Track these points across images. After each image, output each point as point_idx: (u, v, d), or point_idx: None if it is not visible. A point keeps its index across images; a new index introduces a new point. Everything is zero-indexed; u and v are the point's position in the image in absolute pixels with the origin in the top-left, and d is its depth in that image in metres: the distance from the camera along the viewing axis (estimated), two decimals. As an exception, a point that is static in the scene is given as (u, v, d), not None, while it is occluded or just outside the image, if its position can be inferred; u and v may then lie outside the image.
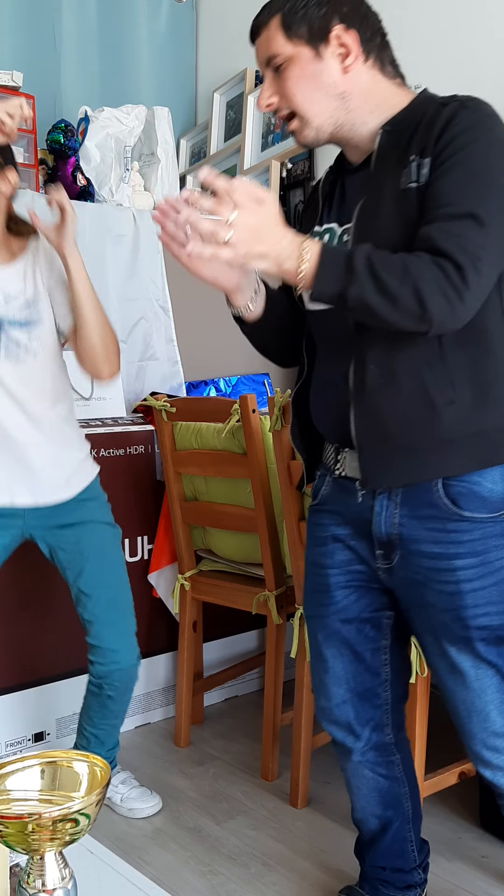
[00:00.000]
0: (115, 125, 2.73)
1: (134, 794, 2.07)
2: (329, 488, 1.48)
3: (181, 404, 2.28)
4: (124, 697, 1.96)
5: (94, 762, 0.93)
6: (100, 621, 1.90)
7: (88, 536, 1.89)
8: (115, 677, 1.91)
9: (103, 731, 1.99)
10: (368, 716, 1.54)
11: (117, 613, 1.92)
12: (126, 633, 1.93)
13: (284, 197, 3.27)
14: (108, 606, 1.90)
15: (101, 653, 1.90)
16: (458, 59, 2.70)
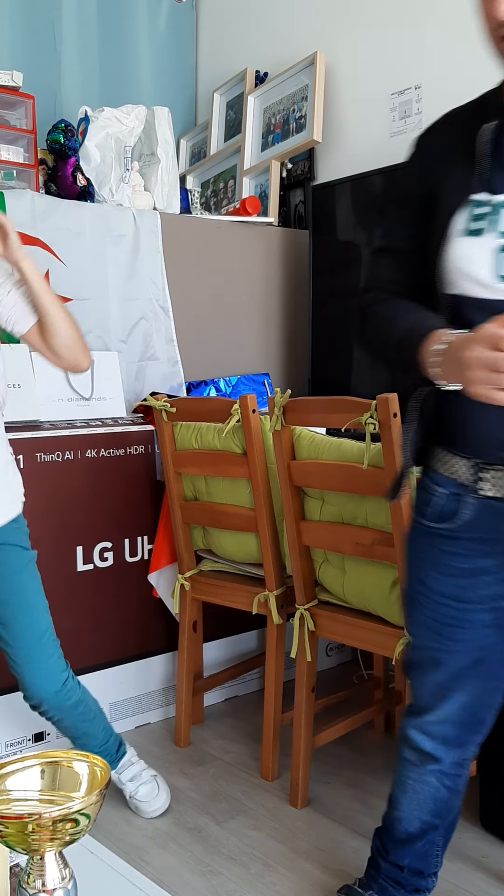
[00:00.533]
0: (115, 125, 2.73)
1: (141, 792, 2.05)
2: (473, 511, 1.30)
3: (181, 404, 2.28)
4: (70, 715, 1.90)
5: (94, 762, 0.93)
6: (16, 651, 1.82)
7: (3, 560, 1.79)
8: (44, 706, 1.87)
9: (84, 736, 1.95)
10: (467, 738, 1.47)
11: (33, 642, 1.83)
12: (44, 661, 1.84)
13: (284, 197, 3.27)
14: (23, 634, 1.81)
15: (24, 686, 1.85)
16: (458, 58, 2.70)
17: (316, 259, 2.83)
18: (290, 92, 3.18)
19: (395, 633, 1.87)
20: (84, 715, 1.92)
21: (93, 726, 1.95)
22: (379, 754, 2.35)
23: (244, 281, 2.96)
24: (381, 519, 1.83)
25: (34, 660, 1.83)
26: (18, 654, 1.82)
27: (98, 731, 1.97)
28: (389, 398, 1.73)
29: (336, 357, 2.76)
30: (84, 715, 1.92)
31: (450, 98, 2.74)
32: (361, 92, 3.01)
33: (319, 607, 2.05)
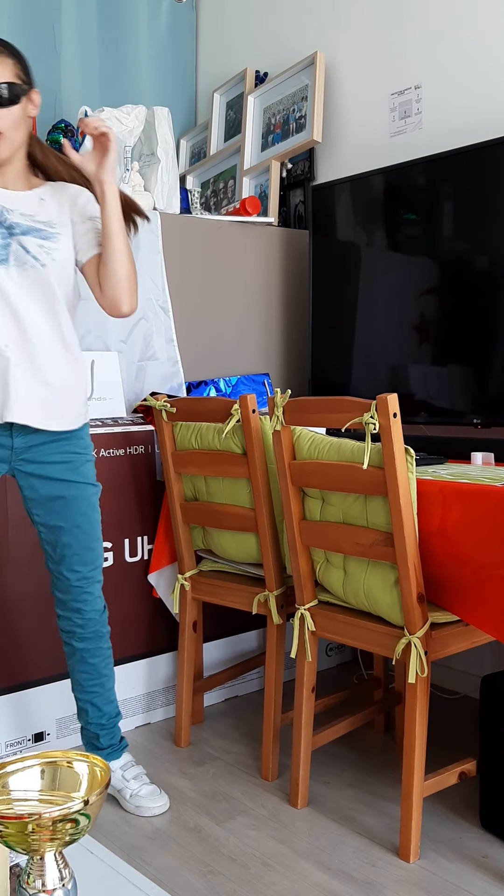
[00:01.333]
0: (115, 125, 2.73)
1: (144, 791, 2.06)
2: None
3: (181, 404, 2.28)
4: (99, 647, 1.98)
5: (94, 762, 0.93)
6: (66, 575, 1.93)
7: (72, 511, 1.90)
8: (83, 629, 1.96)
9: (95, 695, 2.01)
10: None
11: (85, 568, 1.94)
12: (92, 583, 1.95)
13: (284, 197, 3.27)
14: (76, 562, 1.92)
15: (66, 605, 1.95)
16: (458, 58, 2.70)
17: (316, 259, 2.83)
18: (290, 92, 3.18)
19: (395, 633, 1.87)
20: (107, 658, 2.01)
21: (109, 683, 2.03)
22: (379, 754, 2.36)
23: (244, 281, 2.96)
24: (381, 519, 1.83)
25: (84, 583, 1.94)
26: (70, 578, 1.93)
27: (112, 694, 2.04)
28: (389, 398, 1.73)
29: (336, 357, 2.76)
30: (107, 658, 2.01)
31: (449, 98, 2.75)
32: (361, 92, 3.01)
33: (319, 607, 2.05)
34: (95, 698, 2.01)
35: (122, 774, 2.07)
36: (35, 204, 1.83)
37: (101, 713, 2.03)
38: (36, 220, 1.81)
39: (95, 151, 1.79)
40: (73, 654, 1.99)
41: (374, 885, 1.77)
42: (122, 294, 1.83)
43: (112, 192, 1.79)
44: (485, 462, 2.24)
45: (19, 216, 1.80)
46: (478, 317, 2.36)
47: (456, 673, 2.77)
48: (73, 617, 1.96)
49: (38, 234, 1.81)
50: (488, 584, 1.75)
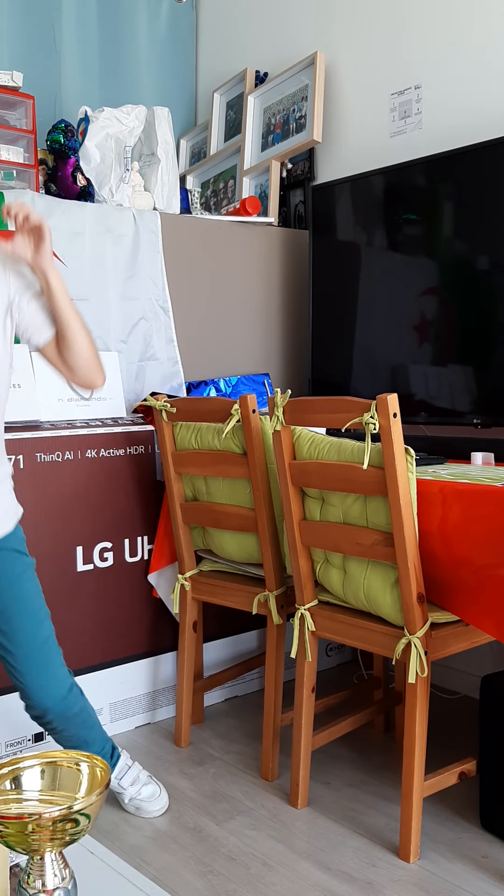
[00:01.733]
0: (115, 125, 2.73)
1: (143, 794, 2.04)
2: None
3: (181, 404, 2.28)
4: (72, 724, 1.86)
5: (94, 762, 0.93)
6: (18, 659, 1.77)
7: (4, 568, 1.76)
8: (48, 716, 1.82)
9: (83, 744, 1.92)
10: None
11: (36, 648, 1.78)
12: (48, 668, 1.80)
13: (284, 197, 3.27)
14: (25, 642, 1.78)
15: (26, 694, 1.80)
16: (458, 59, 2.70)
17: (316, 259, 2.83)
18: (290, 92, 3.18)
19: (395, 633, 1.87)
20: (85, 722, 1.89)
21: (92, 733, 1.92)
22: (379, 754, 2.36)
23: (244, 281, 2.96)
24: (381, 519, 1.83)
25: (38, 667, 1.79)
26: (21, 662, 1.78)
27: (97, 737, 1.94)
28: (389, 398, 1.73)
29: (336, 357, 2.76)
30: (85, 722, 1.89)
31: (449, 98, 2.75)
32: (361, 92, 3.01)
33: (319, 607, 2.05)
34: (82, 745, 1.91)
35: (117, 783, 2.04)
36: None
37: (91, 746, 1.93)
38: None
39: (29, 239, 1.66)
40: (48, 730, 1.87)
41: (374, 885, 1.77)
42: (95, 371, 1.76)
43: (56, 278, 1.68)
44: (485, 462, 2.24)
45: None
46: (478, 317, 2.36)
47: (456, 673, 2.77)
48: (35, 704, 1.80)
49: None
50: (488, 584, 1.75)
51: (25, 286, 1.72)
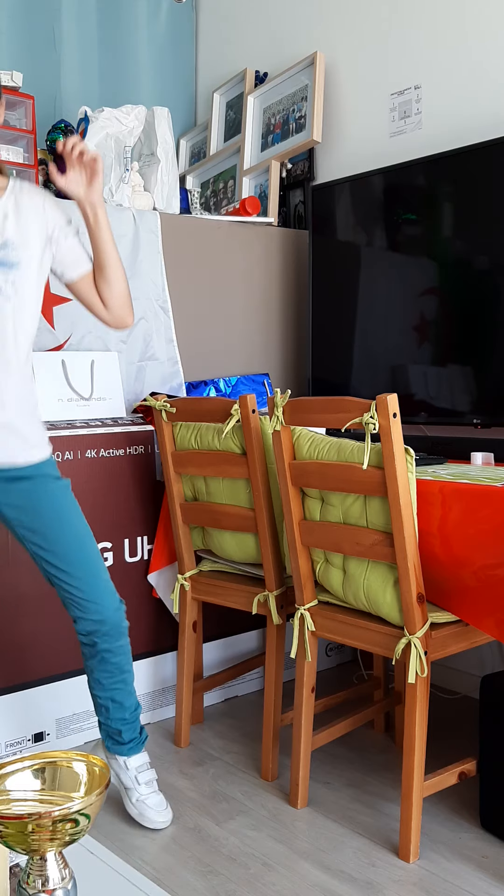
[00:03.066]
0: (115, 125, 2.73)
1: (151, 801, 1.99)
2: None
3: (181, 405, 2.28)
4: (119, 646, 1.90)
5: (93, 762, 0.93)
6: (69, 575, 1.83)
7: (39, 491, 1.82)
8: (103, 627, 1.87)
9: (117, 691, 1.94)
10: None
11: (86, 562, 1.85)
12: (99, 578, 1.86)
13: (284, 197, 3.27)
14: (76, 555, 1.83)
15: (80, 605, 1.85)
16: (457, 59, 2.70)
17: (316, 259, 2.83)
18: (289, 92, 3.18)
19: (395, 633, 1.87)
20: (127, 655, 1.94)
21: (131, 677, 1.96)
22: (379, 754, 2.36)
23: (244, 281, 2.96)
24: (381, 519, 1.83)
25: (92, 580, 1.85)
26: (75, 578, 1.84)
27: (132, 688, 1.97)
28: (389, 398, 1.73)
29: (336, 357, 2.76)
30: (127, 655, 1.94)
31: (449, 98, 2.75)
32: (361, 92, 3.01)
33: (319, 607, 2.05)
34: (117, 694, 1.94)
35: (135, 776, 2.00)
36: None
37: (124, 708, 1.96)
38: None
39: (82, 173, 1.74)
40: (94, 654, 1.91)
41: (374, 885, 1.77)
42: (127, 309, 1.85)
43: (103, 215, 1.77)
44: (485, 462, 2.24)
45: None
46: (477, 317, 2.36)
47: (456, 673, 2.77)
48: (89, 615, 1.87)
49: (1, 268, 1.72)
50: (488, 584, 1.75)
51: (65, 221, 1.80)
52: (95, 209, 1.77)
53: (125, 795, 2.03)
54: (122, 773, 2.01)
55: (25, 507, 1.82)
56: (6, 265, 1.74)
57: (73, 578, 1.85)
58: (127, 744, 1.99)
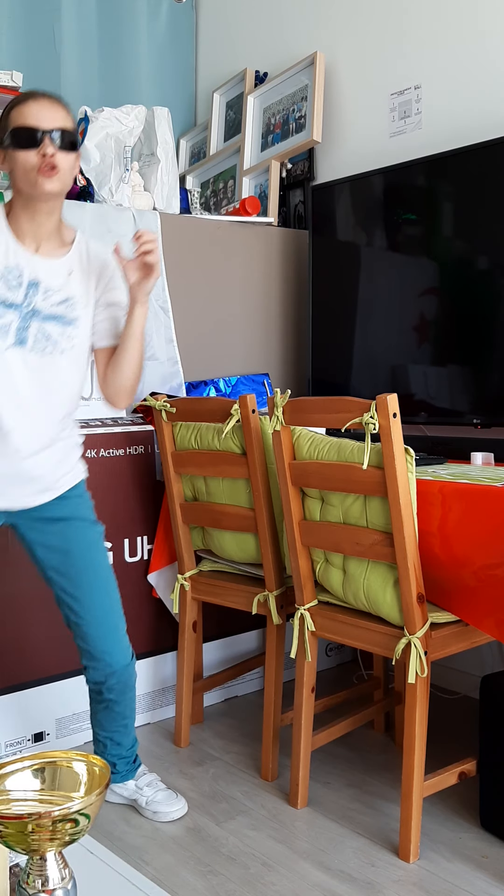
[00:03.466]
0: (115, 125, 2.73)
1: (160, 797, 2.03)
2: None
3: (181, 404, 2.28)
4: (126, 697, 1.96)
5: (93, 762, 0.93)
6: (88, 623, 1.88)
7: (74, 534, 1.87)
8: (111, 680, 1.92)
9: (117, 733, 2.01)
10: None
11: (106, 614, 1.89)
12: (116, 632, 1.90)
13: (284, 197, 3.27)
14: (96, 607, 1.87)
15: (93, 657, 1.90)
16: (457, 59, 2.70)
17: (316, 259, 2.83)
18: (289, 92, 3.18)
19: (395, 633, 1.87)
20: (132, 703, 1.99)
21: (132, 721, 2.02)
22: (379, 754, 2.36)
23: (244, 281, 2.96)
24: (381, 519, 1.83)
25: (109, 631, 1.89)
26: (92, 626, 1.88)
27: (133, 728, 2.04)
28: (389, 398, 1.73)
29: (336, 357, 2.76)
30: (132, 703, 1.99)
31: (449, 98, 2.75)
32: (361, 92, 3.01)
33: (319, 607, 2.05)
34: (117, 735, 2.01)
35: (134, 785, 2.06)
36: (62, 277, 1.78)
37: (121, 747, 2.02)
38: (58, 304, 1.77)
39: (142, 269, 1.78)
40: (100, 702, 1.96)
41: (374, 885, 1.77)
42: (123, 396, 1.87)
43: (142, 314, 1.81)
44: (485, 462, 2.24)
45: (42, 298, 1.74)
46: (477, 317, 2.36)
47: (456, 673, 2.77)
48: (100, 667, 1.91)
49: (60, 322, 1.77)
50: (488, 584, 1.75)
51: (110, 293, 1.85)
52: (136, 303, 1.80)
53: (136, 807, 2.06)
54: (123, 790, 2.07)
55: (59, 549, 1.86)
56: (65, 321, 1.79)
57: (91, 628, 1.88)
58: (120, 773, 2.06)
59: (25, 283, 1.73)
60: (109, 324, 1.86)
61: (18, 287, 1.72)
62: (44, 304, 1.75)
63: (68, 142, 1.69)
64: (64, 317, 1.78)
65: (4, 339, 1.72)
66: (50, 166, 1.66)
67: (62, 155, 1.68)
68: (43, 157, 1.66)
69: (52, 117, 1.68)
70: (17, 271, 1.73)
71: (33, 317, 1.74)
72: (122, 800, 2.08)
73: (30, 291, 1.74)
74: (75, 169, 1.74)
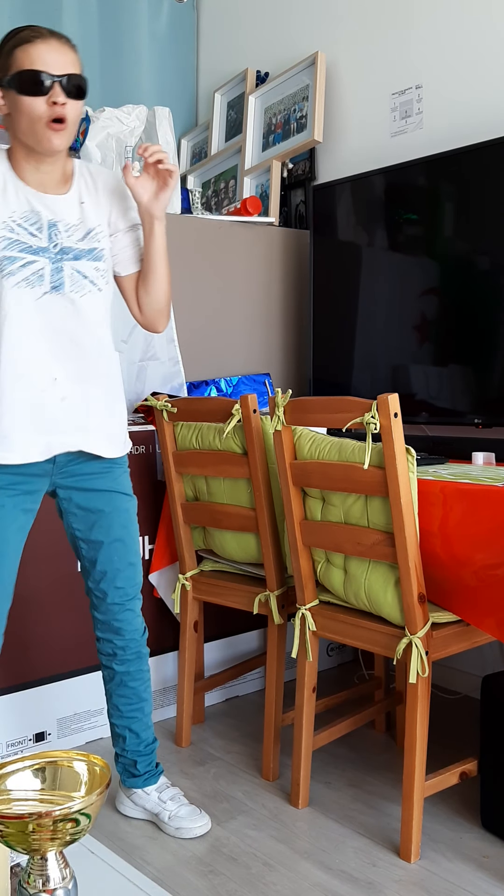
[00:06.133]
0: (116, 125, 2.73)
1: (183, 812, 1.97)
2: None
3: (182, 404, 2.28)
4: (139, 670, 1.94)
5: (93, 762, 0.93)
6: (111, 595, 1.86)
7: (113, 507, 1.85)
8: (126, 651, 1.91)
9: (134, 720, 1.96)
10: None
11: (128, 587, 1.88)
12: (134, 606, 1.91)
13: (285, 197, 3.27)
14: (119, 582, 1.87)
15: (109, 627, 1.89)
16: (458, 58, 2.70)
17: (317, 259, 2.83)
18: (290, 92, 3.18)
19: (396, 633, 1.87)
20: (147, 682, 1.98)
21: (149, 707, 2.00)
22: (380, 754, 2.35)
23: (245, 281, 2.96)
24: (382, 519, 1.83)
25: (128, 602, 1.90)
26: (116, 596, 1.88)
27: (150, 718, 2.01)
28: (390, 398, 1.73)
29: (337, 357, 2.76)
30: (147, 682, 1.98)
31: (450, 98, 2.75)
32: (362, 92, 3.01)
33: (320, 607, 2.05)
34: (134, 724, 1.97)
35: (157, 797, 1.99)
36: (76, 209, 1.73)
37: (140, 740, 1.97)
38: (82, 239, 1.72)
39: (154, 182, 1.74)
40: (113, 677, 1.94)
41: (375, 885, 1.77)
42: (162, 317, 1.86)
43: (160, 227, 1.77)
44: (486, 462, 2.24)
45: (65, 235, 1.70)
46: (478, 317, 2.36)
47: (457, 673, 2.77)
48: (114, 638, 1.91)
49: (90, 257, 1.73)
50: (489, 584, 1.75)
51: (126, 216, 1.80)
52: (153, 220, 1.76)
53: (158, 822, 1.98)
54: (145, 802, 2.00)
55: (95, 521, 1.85)
56: (95, 255, 1.74)
57: (112, 597, 1.88)
58: (142, 775, 2.00)
59: (45, 224, 1.69)
60: (133, 247, 1.81)
61: (40, 231, 1.68)
62: (69, 241, 1.71)
63: (78, 89, 1.61)
64: (94, 249, 1.73)
65: (40, 285, 1.67)
66: (59, 118, 1.59)
67: (71, 104, 1.61)
68: (53, 106, 1.59)
69: (62, 61, 1.59)
70: (35, 216, 1.68)
71: (63, 257, 1.70)
72: (144, 814, 2.01)
73: (51, 232, 1.69)
74: (80, 117, 1.67)
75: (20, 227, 1.67)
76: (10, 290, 1.66)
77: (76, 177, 1.77)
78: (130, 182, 1.74)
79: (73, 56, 1.63)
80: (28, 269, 1.67)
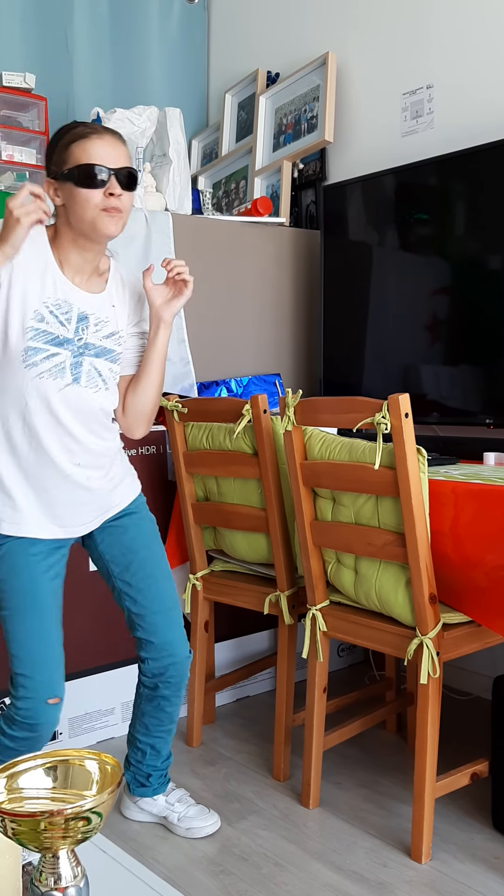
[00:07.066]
0: (127, 126, 2.74)
1: (192, 812, 1.98)
2: None
3: (192, 405, 2.28)
4: (178, 695, 1.92)
5: (105, 761, 0.93)
6: (151, 613, 1.86)
7: (136, 527, 1.88)
8: (170, 672, 1.87)
9: (159, 740, 1.96)
10: None
11: (167, 604, 1.88)
12: (177, 623, 1.89)
13: (296, 197, 3.27)
14: (158, 598, 1.86)
15: (155, 647, 1.87)
16: (469, 58, 2.69)
17: (327, 259, 2.83)
18: (301, 92, 3.18)
19: (407, 633, 1.86)
20: (179, 707, 1.97)
21: (174, 728, 1.99)
22: (391, 755, 2.35)
23: (256, 281, 2.96)
24: (392, 519, 1.82)
25: (173, 621, 1.89)
26: (158, 615, 1.87)
27: (168, 744, 2.00)
28: (401, 398, 1.73)
29: (348, 357, 2.76)
30: (179, 707, 1.97)
31: (461, 97, 2.75)
32: (373, 92, 3.01)
33: (331, 608, 2.05)
34: (158, 743, 1.96)
35: (164, 800, 2.00)
36: (107, 310, 1.78)
37: (159, 756, 1.98)
38: (107, 338, 1.77)
39: (169, 291, 1.80)
40: (153, 699, 1.92)
41: (386, 885, 1.77)
42: (143, 424, 1.89)
43: (165, 336, 1.82)
44: (497, 462, 2.23)
45: (93, 330, 1.75)
46: (490, 317, 2.35)
47: (468, 674, 2.76)
48: (163, 657, 1.87)
49: (108, 357, 1.78)
50: (500, 585, 1.75)
51: (139, 323, 1.86)
52: (160, 323, 1.81)
53: (167, 824, 1.99)
54: (152, 807, 2.01)
55: (123, 543, 1.87)
56: (113, 357, 1.80)
57: (156, 616, 1.87)
58: (152, 786, 2.01)
59: (75, 317, 1.73)
60: (135, 352, 1.87)
61: (69, 321, 1.72)
62: (94, 337, 1.75)
63: (131, 180, 1.69)
64: (112, 351, 1.79)
65: (62, 377, 1.71)
66: (116, 208, 1.66)
67: (126, 194, 1.69)
68: (109, 197, 1.66)
69: (115, 155, 1.67)
70: (67, 306, 1.72)
71: (84, 352, 1.74)
72: (152, 818, 2.01)
73: (79, 326, 1.73)
74: (132, 205, 1.74)
75: (52, 314, 1.70)
76: (31, 380, 1.70)
77: (110, 279, 1.82)
78: (148, 286, 1.81)
79: (124, 150, 1.71)
80: (50, 362, 1.70)
